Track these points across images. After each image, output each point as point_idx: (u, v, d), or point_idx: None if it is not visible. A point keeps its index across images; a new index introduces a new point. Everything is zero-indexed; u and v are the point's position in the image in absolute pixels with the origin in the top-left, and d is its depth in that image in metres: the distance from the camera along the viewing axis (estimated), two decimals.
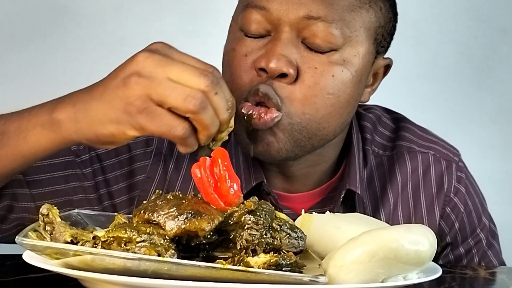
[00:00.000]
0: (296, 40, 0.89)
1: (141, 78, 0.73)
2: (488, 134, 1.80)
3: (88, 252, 0.64)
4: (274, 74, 0.87)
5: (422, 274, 0.72)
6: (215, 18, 1.72)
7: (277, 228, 0.70)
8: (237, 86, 0.89)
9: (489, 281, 0.93)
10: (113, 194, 0.98)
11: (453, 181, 1.05)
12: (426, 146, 1.06)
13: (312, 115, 0.89)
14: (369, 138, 1.05)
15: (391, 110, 1.12)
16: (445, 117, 1.80)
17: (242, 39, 0.91)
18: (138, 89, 0.72)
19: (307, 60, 0.88)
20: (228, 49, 0.94)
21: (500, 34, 1.80)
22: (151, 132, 0.73)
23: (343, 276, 0.68)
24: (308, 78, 0.88)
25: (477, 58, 1.81)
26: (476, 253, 1.07)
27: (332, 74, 0.89)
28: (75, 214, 0.78)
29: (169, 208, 0.68)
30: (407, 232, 0.69)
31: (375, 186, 1.03)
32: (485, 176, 1.74)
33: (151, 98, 0.72)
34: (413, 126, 1.09)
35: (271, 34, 0.90)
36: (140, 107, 0.72)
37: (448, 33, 1.80)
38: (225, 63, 0.94)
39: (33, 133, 0.79)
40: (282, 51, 0.87)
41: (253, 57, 0.89)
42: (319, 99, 0.89)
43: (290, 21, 0.88)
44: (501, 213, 1.72)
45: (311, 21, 0.87)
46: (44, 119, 0.78)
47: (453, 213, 1.04)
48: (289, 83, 0.88)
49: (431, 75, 1.80)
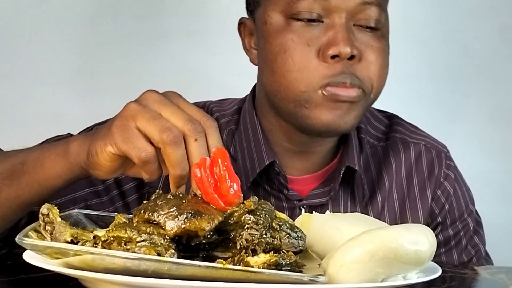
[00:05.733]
0: (350, 24, 0.97)
1: (137, 105, 0.77)
2: (487, 134, 1.80)
3: (88, 252, 0.64)
4: (345, 57, 0.95)
5: (421, 273, 0.72)
6: (215, 18, 1.72)
7: (277, 228, 0.70)
8: (304, 76, 0.96)
9: (489, 281, 0.93)
10: (124, 193, 1.04)
11: (443, 168, 1.14)
12: (418, 138, 1.15)
13: (379, 88, 1.00)
14: (364, 128, 1.13)
15: (383, 110, 1.21)
16: (445, 117, 1.81)
17: (297, 28, 0.97)
18: (129, 111, 0.76)
19: (364, 40, 0.98)
20: (283, 40, 0.97)
21: (500, 34, 1.80)
22: (121, 149, 0.75)
23: (343, 275, 0.68)
24: (370, 55, 0.98)
25: (477, 58, 1.81)
26: (463, 236, 1.14)
27: (383, 48, 1.00)
28: (75, 214, 0.78)
29: (169, 208, 0.68)
30: (406, 232, 0.70)
31: (371, 171, 1.10)
32: (485, 176, 1.75)
33: (134, 121, 0.75)
34: (405, 123, 1.18)
35: (323, 20, 0.96)
36: (121, 125, 0.76)
37: (448, 33, 1.80)
38: (283, 53, 0.97)
39: (49, 160, 0.84)
40: (347, 35, 0.95)
41: (315, 46, 0.96)
42: (382, 72, 0.99)
43: (347, 8, 0.96)
44: (501, 213, 1.72)
45: (366, 6, 0.97)
46: (61, 148, 0.84)
47: (443, 195, 1.13)
48: (356, 63, 0.96)
49: (431, 75, 1.80)
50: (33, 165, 0.85)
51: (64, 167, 0.83)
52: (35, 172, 0.84)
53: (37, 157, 0.85)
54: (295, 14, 0.96)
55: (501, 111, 1.81)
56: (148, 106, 0.76)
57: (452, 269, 0.96)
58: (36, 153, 0.86)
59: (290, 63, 0.96)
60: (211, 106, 1.13)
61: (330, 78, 0.95)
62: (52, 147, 0.85)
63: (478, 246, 1.15)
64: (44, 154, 0.85)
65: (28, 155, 0.86)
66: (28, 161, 0.85)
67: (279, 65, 0.97)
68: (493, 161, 1.79)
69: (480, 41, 1.80)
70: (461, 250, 1.14)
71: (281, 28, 0.97)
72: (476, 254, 1.14)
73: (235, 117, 1.10)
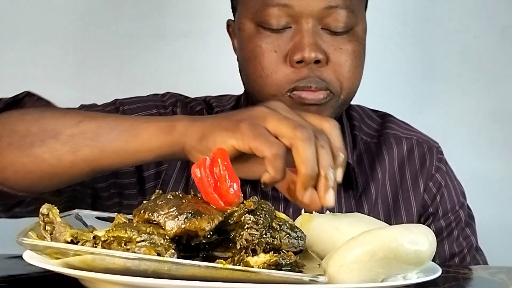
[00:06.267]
0: (317, 28, 0.99)
1: (266, 108, 0.79)
2: (488, 134, 1.80)
3: (88, 252, 0.64)
4: (310, 62, 0.97)
5: (421, 273, 0.72)
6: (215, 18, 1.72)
7: (277, 228, 0.70)
8: (272, 80, 0.99)
9: (489, 281, 0.93)
10: (142, 167, 1.07)
11: (434, 161, 1.16)
12: (410, 134, 1.18)
13: (350, 89, 1.02)
14: (357, 125, 1.16)
15: (376, 109, 1.23)
16: (445, 117, 1.80)
17: (265, 35, 1.00)
18: (259, 112, 0.78)
19: (332, 43, 0.99)
20: (253, 46, 1.00)
21: (500, 34, 1.80)
22: (250, 145, 0.75)
23: (342, 275, 0.68)
24: (337, 58, 1.00)
25: (477, 58, 1.81)
26: (455, 227, 1.16)
27: (353, 50, 1.01)
28: (75, 214, 0.78)
29: (169, 208, 0.68)
30: (406, 232, 0.70)
31: (364, 166, 1.13)
32: (485, 176, 1.75)
33: (265, 122, 0.77)
34: (397, 120, 1.21)
35: (291, 27, 0.99)
36: (251, 124, 0.76)
37: (448, 33, 1.80)
38: (253, 59, 1.01)
39: (146, 132, 0.82)
40: (312, 40, 0.97)
41: (282, 52, 0.99)
42: (352, 74, 1.01)
43: (312, 13, 0.98)
44: (501, 213, 1.72)
45: (332, 9, 0.98)
46: (162, 124, 0.83)
47: (435, 186, 1.15)
48: (323, 66, 0.99)
49: (431, 75, 1.80)
50: (125, 133, 0.83)
51: (163, 143, 0.82)
52: (127, 141, 0.83)
53: (131, 126, 0.83)
54: (263, 22, 0.99)
55: (501, 111, 1.81)
56: (278, 109, 0.79)
57: (452, 269, 0.96)
58: (130, 122, 0.84)
59: (259, 69, 1.00)
60: (211, 101, 1.16)
61: (296, 82, 0.98)
62: (150, 120, 0.84)
63: (470, 238, 1.17)
64: (141, 125, 0.83)
65: (120, 122, 0.84)
66: (120, 128, 0.84)
67: (251, 71, 1.01)
68: (493, 161, 1.79)
69: (480, 41, 1.80)
70: (452, 241, 1.15)
71: (251, 35, 1.01)
72: (468, 245, 1.16)
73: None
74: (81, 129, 0.84)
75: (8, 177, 0.87)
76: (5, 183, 0.88)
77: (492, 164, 1.79)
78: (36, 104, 0.97)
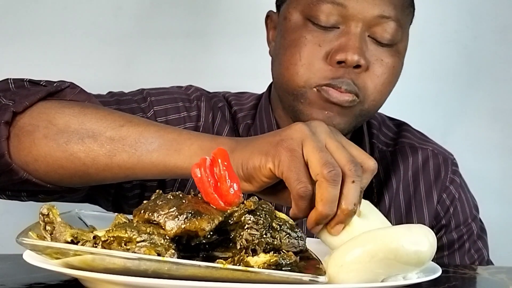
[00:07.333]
0: (365, 35, 0.99)
1: (306, 128, 0.76)
2: (488, 134, 1.80)
3: (88, 252, 0.64)
4: (352, 65, 0.97)
5: (422, 274, 0.72)
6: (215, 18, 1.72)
7: (277, 228, 0.70)
8: (305, 71, 0.99)
9: (489, 281, 0.93)
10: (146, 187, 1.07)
11: (449, 173, 1.16)
12: (426, 144, 1.18)
13: (377, 102, 1.02)
14: (376, 133, 1.16)
15: (393, 117, 1.23)
16: (445, 117, 1.80)
17: (313, 29, 1.00)
18: (299, 133, 0.75)
19: (375, 53, 1.00)
20: (297, 36, 1.00)
21: (500, 34, 1.80)
22: (284, 175, 0.73)
23: (343, 276, 0.68)
24: (376, 69, 1.00)
25: (477, 58, 1.81)
26: (467, 240, 1.16)
27: (393, 65, 1.01)
28: (75, 214, 0.78)
29: (169, 208, 0.68)
30: (407, 232, 0.70)
31: (379, 174, 1.12)
32: (485, 176, 1.74)
33: (303, 145, 0.74)
34: (413, 130, 1.21)
35: (339, 27, 0.99)
36: (290, 149, 0.74)
37: (448, 33, 1.80)
38: (293, 47, 1.00)
39: (189, 149, 0.80)
40: (358, 44, 0.97)
41: (326, 48, 0.99)
42: (384, 88, 1.01)
43: (364, 18, 0.98)
44: (501, 213, 1.72)
45: (384, 19, 0.99)
46: (206, 144, 0.80)
47: (448, 199, 1.15)
48: (361, 72, 0.99)
49: (431, 75, 1.80)
50: (166, 147, 0.81)
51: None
52: (167, 154, 0.80)
53: (174, 140, 0.81)
54: (313, 16, 0.99)
55: (501, 111, 1.80)
56: (316, 135, 0.75)
57: (452, 269, 0.96)
58: (174, 135, 0.81)
59: (297, 57, 0.99)
60: (230, 99, 1.16)
61: (329, 80, 0.98)
62: (193, 136, 0.81)
63: (481, 251, 1.16)
64: (185, 141, 0.81)
65: (163, 134, 0.81)
66: (162, 140, 0.81)
67: (286, 58, 1.00)
68: (492, 161, 1.79)
69: (480, 41, 1.80)
70: (464, 254, 1.14)
71: (298, 26, 1.01)
72: (479, 258, 1.15)
73: (252, 112, 1.13)
74: (122, 134, 0.81)
75: (39, 169, 0.84)
76: (35, 174, 0.85)
77: (492, 164, 1.79)
78: (77, 97, 0.92)
